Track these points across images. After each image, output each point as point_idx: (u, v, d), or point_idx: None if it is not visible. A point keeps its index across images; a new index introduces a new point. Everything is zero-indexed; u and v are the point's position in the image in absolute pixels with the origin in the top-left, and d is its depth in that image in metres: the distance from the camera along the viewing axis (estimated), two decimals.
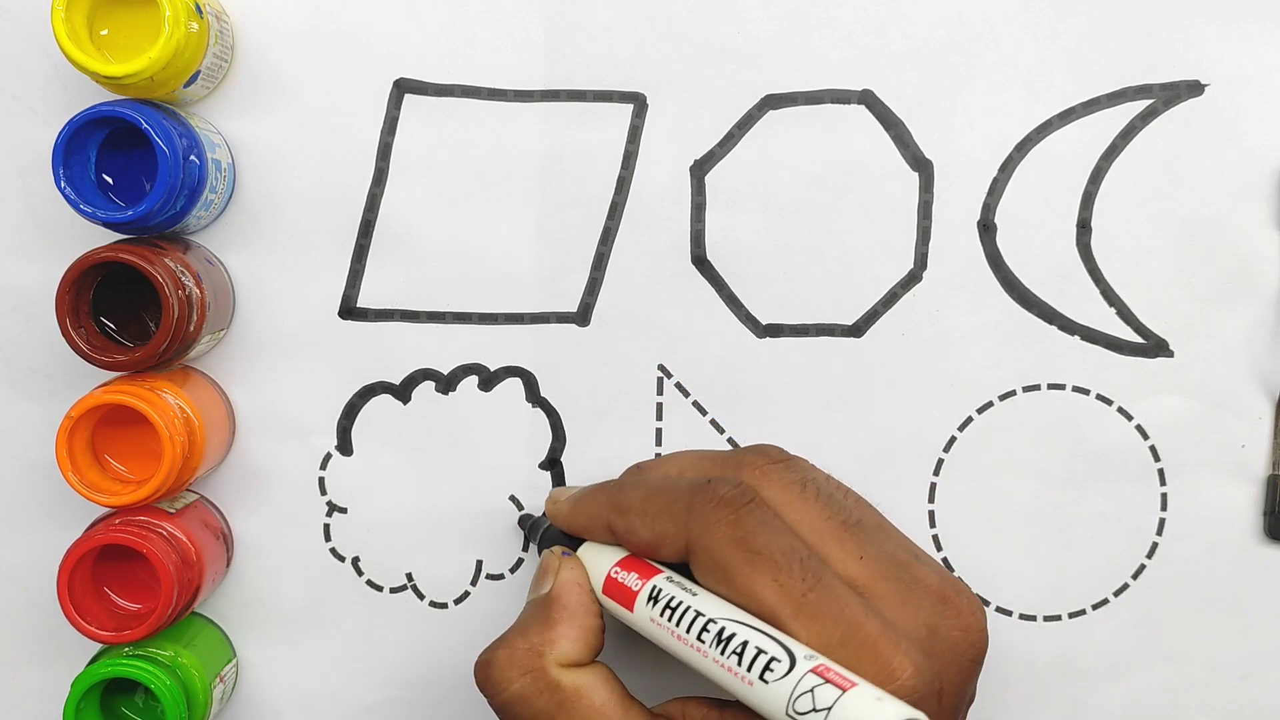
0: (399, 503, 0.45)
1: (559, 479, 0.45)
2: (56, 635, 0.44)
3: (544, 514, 0.43)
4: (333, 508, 0.45)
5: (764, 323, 0.45)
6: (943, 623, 0.35)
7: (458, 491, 0.45)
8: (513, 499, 0.45)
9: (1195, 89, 0.44)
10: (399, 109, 0.43)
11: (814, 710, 0.30)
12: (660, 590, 0.36)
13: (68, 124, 0.39)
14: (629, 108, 0.44)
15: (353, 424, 0.45)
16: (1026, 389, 0.45)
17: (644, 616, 0.36)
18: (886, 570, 0.35)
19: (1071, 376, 0.45)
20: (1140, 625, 0.45)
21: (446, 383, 0.45)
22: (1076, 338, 0.45)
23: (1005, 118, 0.44)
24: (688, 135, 0.44)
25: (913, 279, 0.44)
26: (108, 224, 0.39)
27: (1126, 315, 0.44)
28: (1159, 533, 0.45)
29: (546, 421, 0.45)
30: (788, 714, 0.31)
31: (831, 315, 0.45)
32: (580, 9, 0.43)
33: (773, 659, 0.32)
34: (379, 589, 0.45)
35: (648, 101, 0.44)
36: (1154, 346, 0.45)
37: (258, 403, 0.44)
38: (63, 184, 0.39)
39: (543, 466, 0.45)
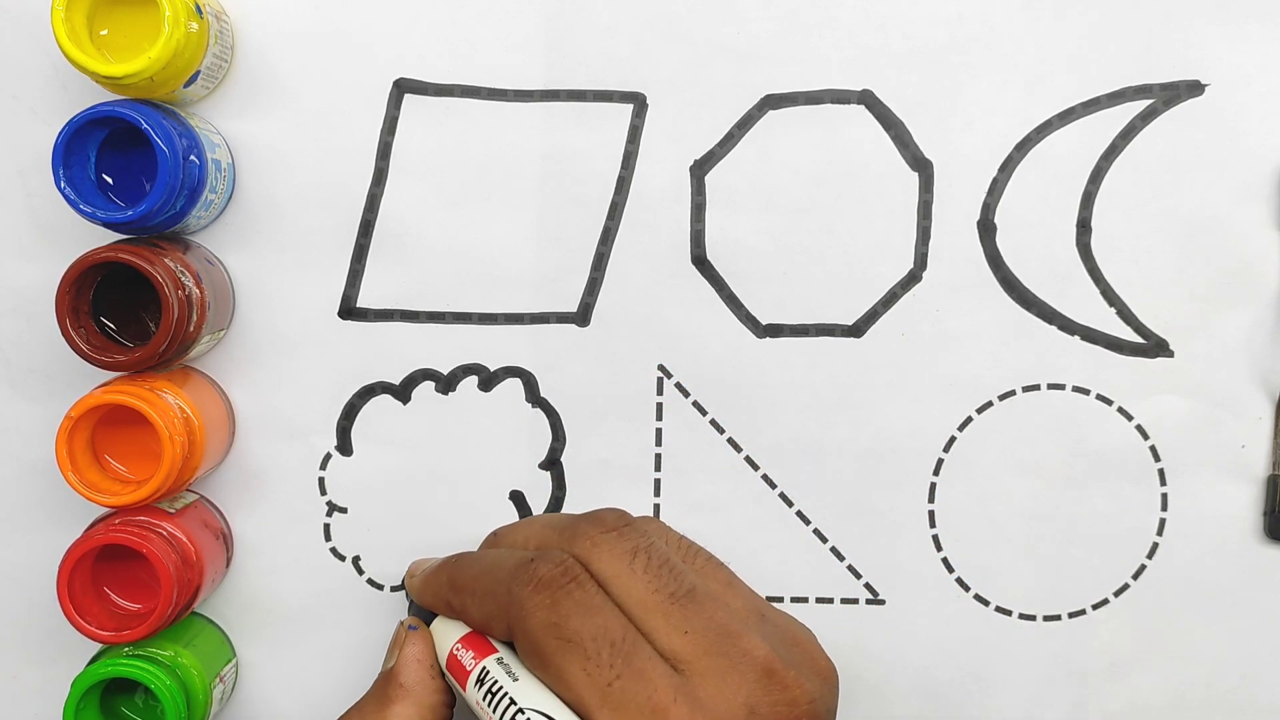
0: (399, 503, 0.45)
1: (559, 479, 0.45)
2: (56, 635, 0.44)
3: None
4: (333, 508, 0.45)
5: (764, 323, 0.45)
6: (764, 699, 0.34)
7: (458, 492, 0.45)
8: (513, 497, 0.45)
9: (1195, 89, 0.44)
10: (399, 109, 0.43)
11: None
12: (487, 673, 0.36)
13: (68, 124, 0.39)
14: (629, 108, 0.44)
15: (353, 424, 0.45)
16: (1026, 389, 0.45)
17: (472, 698, 0.36)
18: (711, 645, 0.34)
19: (1071, 376, 0.45)
20: (1140, 625, 0.45)
21: (446, 383, 0.45)
22: (1076, 338, 0.45)
23: (1005, 118, 0.44)
24: (688, 135, 0.44)
25: (913, 279, 0.44)
26: (108, 224, 0.39)
27: (1126, 315, 0.44)
28: (1159, 533, 0.45)
29: (546, 422, 0.45)
30: None
31: (831, 315, 0.45)
32: (580, 9, 0.43)
33: None
34: (379, 589, 0.45)
35: (648, 101, 0.44)
36: (1154, 346, 0.45)
37: (258, 403, 0.44)
38: (63, 184, 0.39)
39: (543, 466, 0.45)
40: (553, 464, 0.45)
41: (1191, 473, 0.45)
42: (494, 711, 0.35)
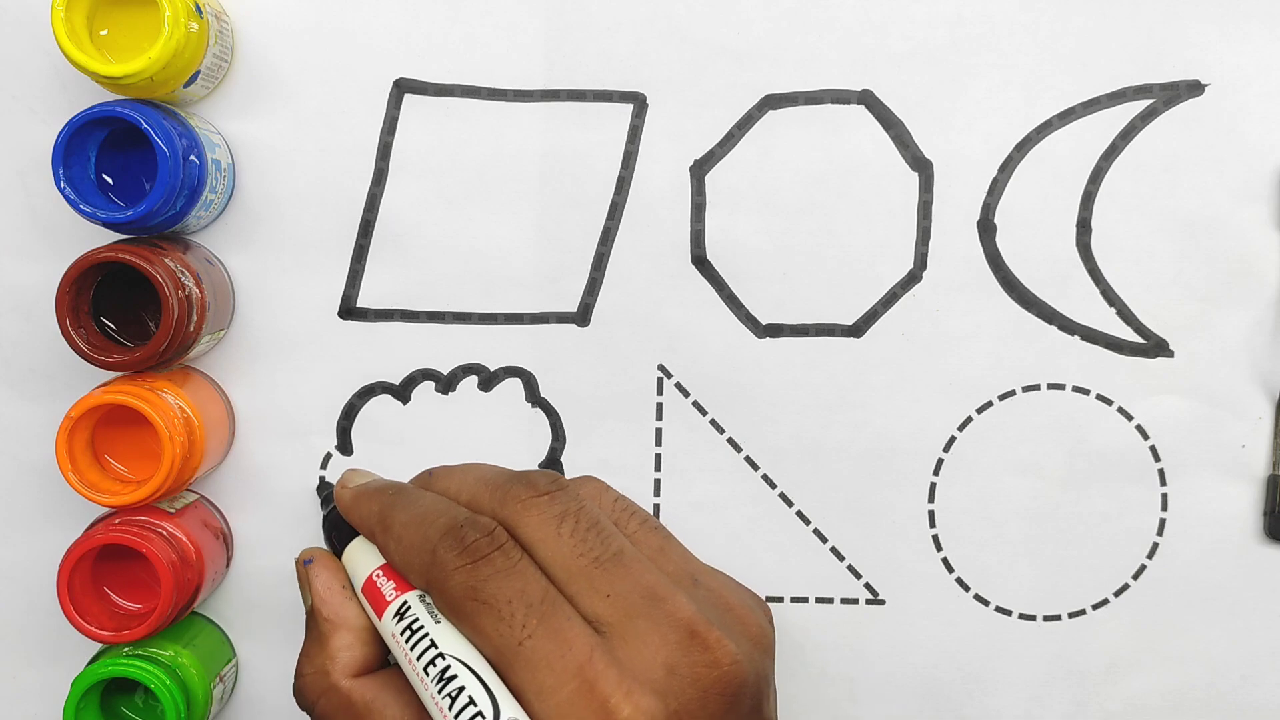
0: None
1: None
2: (56, 635, 0.44)
3: (330, 486, 0.43)
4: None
5: (764, 323, 0.45)
6: (684, 659, 0.34)
7: None
8: None
9: (1195, 89, 0.44)
10: (399, 109, 0.43)
11: None
12: (408, 608, 0.36)
13: (68, 124, 0.39)
14: (629, 108, 0.44)
15: (353, 424, 0.45)
16: (1026, 389, 0.45)
17: (387, 630, 0.36)
18: (633, 607, 0.35)
19: (1071, 376, 0.45)
20: (1140, 625, 0.45)
21: (446, 383, 0.45)
22: (1076, 338, 0.45)
23: (1005, 118, 0.44)
24: (688, 135, 0.44)
25: (913, 279, 0.44)
26: (108, 224, 0.39)
27: (1126, 315, 0.44)
28: (1159, 533, 0.45)
29: (546, 421, 0.45)
30: None
31: (831, 315, 0.45)
32: (580, 9, 0.43)
33: (479, 713, 0.32)
34: None
35: (648, 101, 0.44)
36: (1154, 346, 0.45)
37: (258, 403, 0.44)
38: (63, 184, 0.39)
39: (543, 466, 0.45)
40: (553, 464, 0.45)
41: (1191, 473, 0.45)
42: (410, 649, 0.35)
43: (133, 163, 0.41)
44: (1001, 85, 0.44)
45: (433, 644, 0.34)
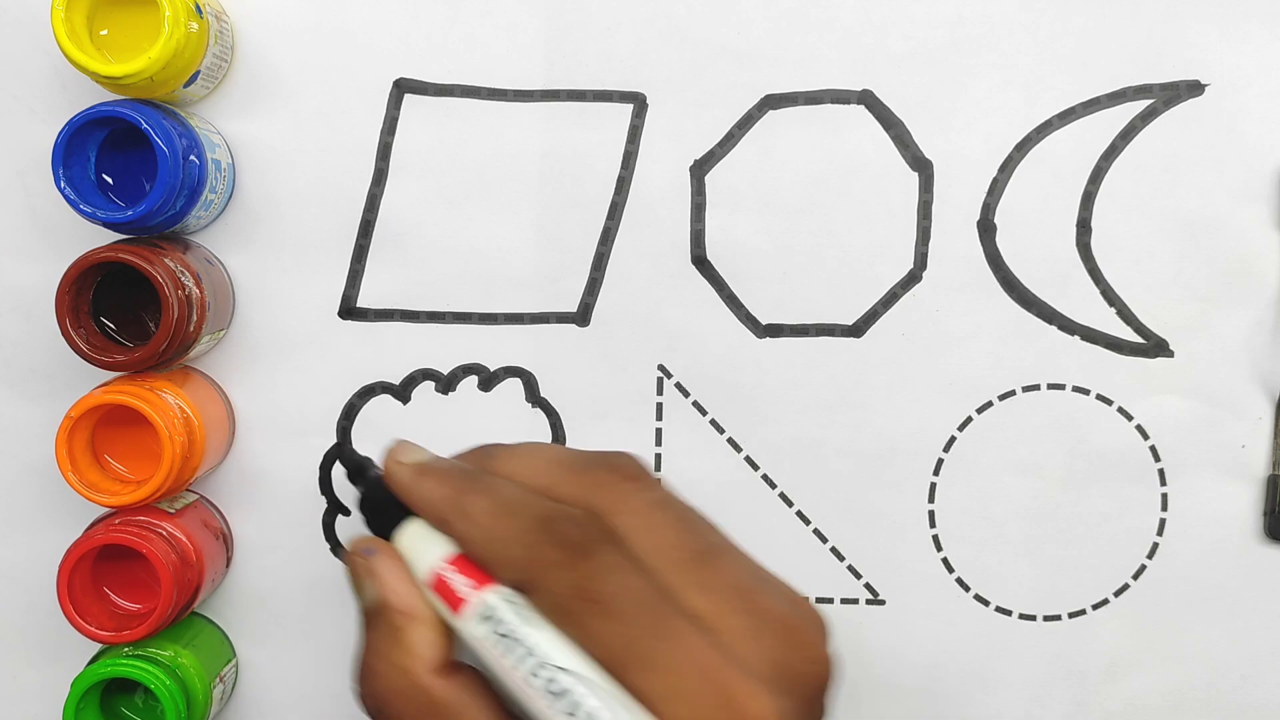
0: None
1: None
2: (56, 635, 0.44)
3: (366, 458, 0.39)
4: (333, 508, 0.45)
5: (764, 323, 0.45)
6: (791, 656, 0.33)
7: None
8: None
9: (1195, 89, 0.44)
10: (399, 109, 0.43)
11: None
12: (494, 612, 0.33)
13: (68, 124, 0.39)
14: (629, 108, 0.44)
15: (353, 424, 0.45)
16: (1026, 389, 0.45)
17: (469, 632, 0.33)
18: (735, 603, 0.33)
19: (1071, 376, 0.45)
20: (1140, 625, 0.45)
21: (446, 383, 0.45)
22: (1076, 338, 0.45)
23: (1005, 118, 0.44)
24: (688, 135, 0.44)
25: (913, 279, 0.44)
26: (108, 224, 0.39)
27: (1126, 315, 0.44)
28: (1159, 533, 0.45)
29: (546, 421, 0.45)
30: None
31: (831, 315, 0.45)
32: (580, 9, 0.43)
33: None
34: None
35: (648, 101, 0.44)
36: (1154, 346, 0.45)
37: (258, 403, 0.44)
38: (63, 184, 0.39)
39: None
40: None
41: (1191, 473, 0.45)
42: (507, 658, 0.32)
43: (133, 163, 0.41)
44: (1001, 85, 0.44)
45: (532, 653, 0.32)
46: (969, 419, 0.45)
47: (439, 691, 0.33)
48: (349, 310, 0.44)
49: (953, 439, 0.45)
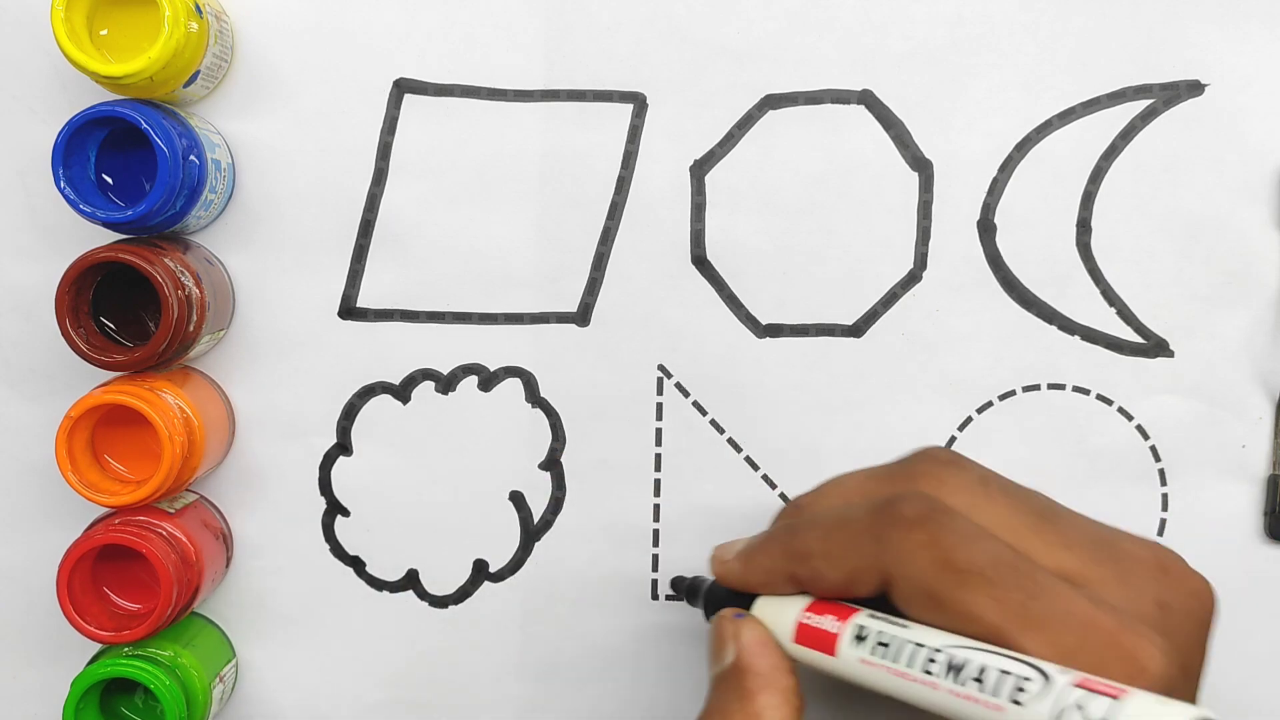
0: (399, 503, 0.45)
1: (559, 479, 0.45)
2: (56, 635, 0.44)
3: (697, 577, 0.40)
4: (333, 508, 0.45)
5: (764, 323, 0.45)
6: (1172, 595, 0.32)
7: (458, 491, 0.45)
8: (513, 498, 0.45)
9: (1195, 89, 0.44)
10: (399, 109, 0.43)
11: None
12: (866, 629, 0.32)
13: (68, 124, 0.39)
14: (629, 108, 0.44)
15: (353, 424, 0.45)
16: (1026, 389, 0.45)
17: (851, 659, 0.33)
18: (1096, 554, 0.32)
19: (1071, 376, 0.45)
20: None
21: (446, 383, 0.45)
22: (1076, 338, 0.45)
23: (1005, 118, 0.44)
24: (688, 135, 0.44)
25: (913, 279, 0.44)
26: (107, 224, 0.39)
27: (1126, 315, 0.44)
28: (1159, 533, 0.45)
29: (546, 422, 0.45)
30: None
31: (831, 315, 0.45)
32: (580, 9, 0.43)
33: (1024, 679, 0.29)
34: (379, 589, 0.45)
35: (648, 101, 0.44)
36: (1154, 346, 0.45)
37: (258, 403, 0.44)
38: (62, 184, 0.39)
39: (543, 466, 0.45)
40: (553, 464, 0.45)
41: (1191, 473, 0.45)
42: (894, 662, 0.31)
43: (133, 163, 0.41)
44: (1001, 85, 0.44)
45: (919, 645, 0.31)
46: (969, 419, 0.45)
47: None
48: (349, 310, 0.44)
49: (953, 439, 0.45)
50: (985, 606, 0.30)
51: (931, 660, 0.31)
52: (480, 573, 0.45)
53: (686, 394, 0.45)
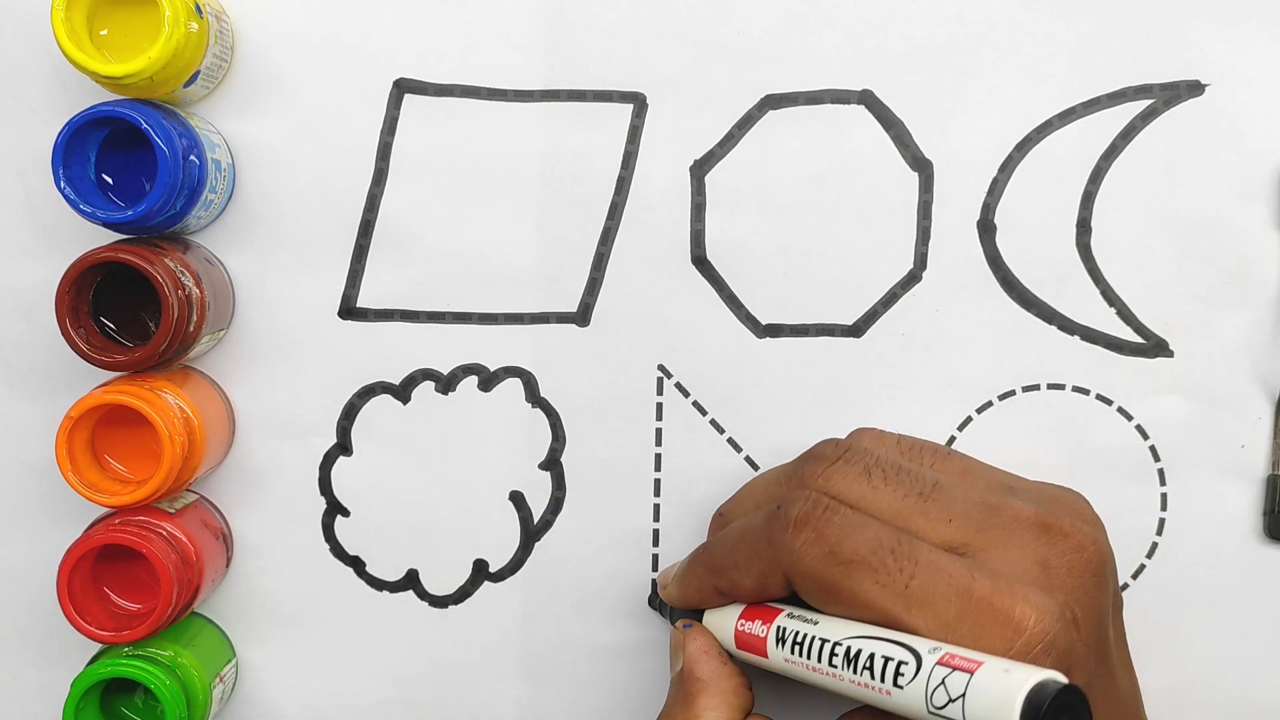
0: (399, 503, 0.45)
1: (559, 479, 0.45)
2: (56, 635, 0.44)
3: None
4: (333, 508, 0.45)
5: (764, 323, 0.45)
6: (1051, 553, 0.34)
7: (458, 491, 0.45)
8: (513, 498, 0.45)
9: (1195, 89, 0.44)
10: (399, 109, 0.43)
11: (950, 701, 0.30)
12: (785, 629, 0.36)
13: (68, 124, 0.39)
14: (629, 108, 0.44)
15: (353, 424, 0.45)
16: (1026, 389, 0.45)
17: (777, 659, 0.36)
18: (979, 521, 0.35)
19: (1071, 376, 0.45)
20: (1140, 625, 0.45)
21: (446, 383, 0.45)
22: (1076, 338, 0.45)
23: (1005, 118, 0.44)
24: (688, 135, 0.44)
25: (912, 279, 0.44)
26: (108, 224, 0.39)
27: (1126, 315, 0.44)
28: (1159, 533, 0.45)
29: (546, 422, 0.45)
30: (930, 713, 0.31)
31: (831, 315, 0.45)
32: (580, 9, 0.43)
33: (900, 663, 0.32)
34: (379, 589, 0.45)
35: (648, 101, 0.44)
36: (1154, 346, 0.45)
37: (258, 403, 0.44)
38: (63, 184, 0.39)
39: (543, 466, 0.45)
40: (553, 464, 0.45)
41: (1191, 473, 0.45)
42: (807, 658, 0.34)
43: (133, 163, 0.41)
44: (1001, 85, 0.44)
45: (823, 641, 0.34)
46: (969, 419, 0.45)
47: None
48: (349, 310, 0.44)
49: (952, 439, 0.45)
50: (871, 591, 0.33)
51: (834, 654, 0.34)
52: (480, 573, 0.45)
53: (686, 394, 0.45)
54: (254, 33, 0.43)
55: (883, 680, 0.32)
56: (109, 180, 0.41)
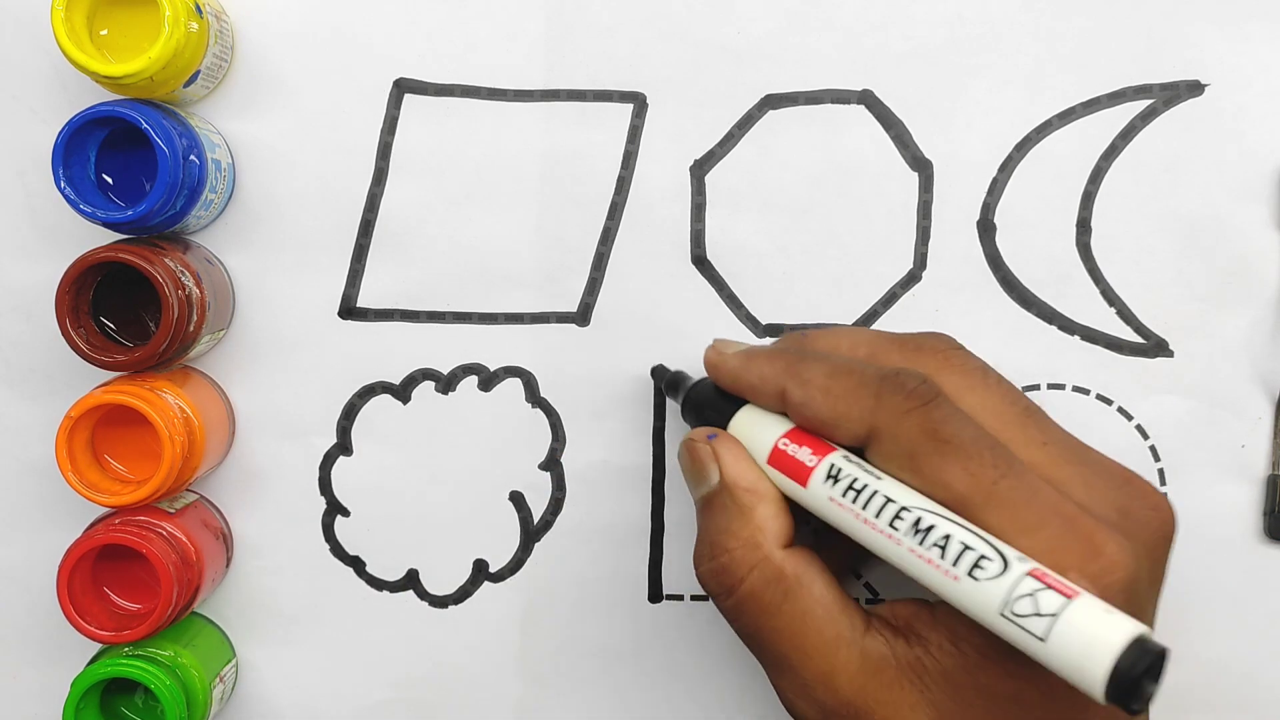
0: (399, 503, 0.45)
1: (559, 479, 0.45)
2: (56, 635, 0.44)
3: (679, 371, 0.42)
4: (333, 508, 0.45)
5: (764, 323, 0.45)
6: (1132, 504, 0.33)
7: (458, 491, 0.45)
8: (513, 498, 0.45)
9: (1195, 89, 0.44)
10: (399, 109, 0.43)
11: (1036, 615, 0.29)
12: (840, 470, 0.34)
13: (68, 124, 0.39)
14: (629, 108, 0.44)
15: (353, 424, 0.45)
16: (1026, 389, 0.45)
17: (821, 495, 0.34)
18: (1070, 455, 0.34)
19: (1071, 376, 0.45)
20: None
21: (446, 383, 0.45)
22: (1076, 338, 0.45)
23: (1005, 118, 0.44)
24: (688, 135, 0.44)
25: (912, 279, 0.44)
26: (108, 224, 0.39)
27: (1126, 315, 0.44)
28: None
29: (546, 422, 0.45)
30: (1003, 615, 0.29)
31: (831, 315, 0.45)
32: (580, 9, 0.43)
33: (982, 557, 0.30)
34: (379, 589, 0.45)
35: (648, 101, 0.44)
36: (1154, 346, 0.45)
37: (258, 403, 0.44)
38: (63, 184, 0.39)
39: (543, 466, 0.45)
40: (553, 464, 0.45)
41: (1191, 473, 0.45)
42: (863, 509, 0.33)
43: (133, 163, 0.41)
44: (1001, 85, 0.44)
45: (889, 499, 0.32)
46: None
47: (787, 564, 0.35)
48: (349, 310, 0.44)
49: None
50: (957, 476, 0.32)
51: (898, 516, 0.32)
52: (480, 573, 0.45)
53: None
54: (254, 33, 0.43)
55: (955, 565, 0.30)
56: (109, 180, 0.41)
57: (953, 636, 0.32)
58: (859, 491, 0.33)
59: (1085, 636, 0.28)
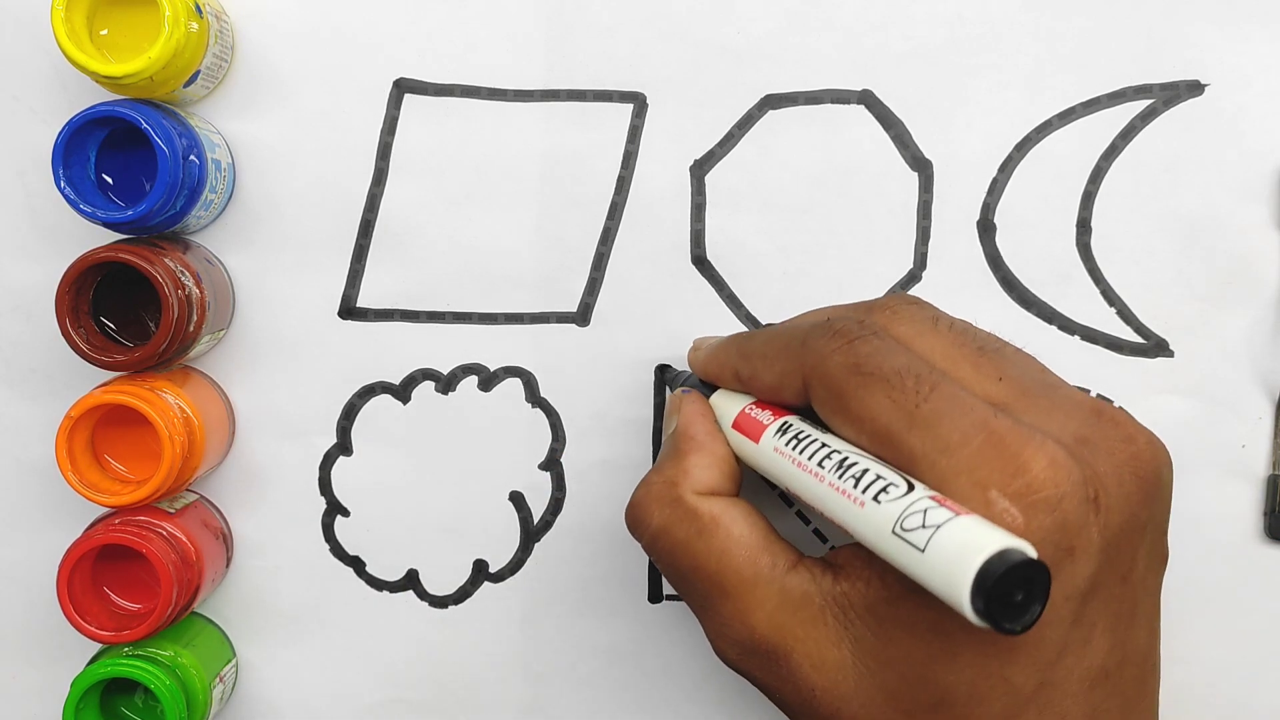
0: (399, 503, 0.45)
1: (559, 480, 0.45)
2: (56, 635, 0.44)
3: (683, 371, 0.43)
4: (333, 508, 0.45)
5: (764, 322, 0.45)
6: (1095, 432, 0.32)
7: (458, 491, 0.45)
8: (513, 498, 0.45)
9: (1195, 89, 0.44)
10: (399, 109, 0.43)
11: (921, 528, 0.28)
12: (789, 424, 0.35)
13: (68, 124, 0.39)
14: (629, 108, 0.44)
15: (353, 424, 0.45)
16: None
17: (768, 446, 0.35)
18: (1029, 388, 0.33)
19: (1071, 376, 0.45)
20: None
21: (446, 383, 0.45)
22: (1076, 338, 0.45)
23: (1005, 118, 0.44)
24: (688, 135, 0.44)
25: (912, 279, 0.44)
26: (107, 224, 0.39)
27: (1126, 315, 0.44)
28: None
29: (546, 422, 0.45)
30: (894, 532, 0.29)
31: None
32: (580, 9, 0.43)
33: (890, 484, 0.30)
34: (379, 589, 0.45)
35: (648, 101, 0.44)
36: (1154, 346, 0.45)
37: (258, 403, 0.44)
38: (63, 184, 0.39)
39: (542, 467, 0.45)
40: (553, 464, 0.45)
41: (1191, 473, 0.45)
42: (799, 454, 0.33)
43: (133, 163, 0.41)
44: (1001, 85, 0.44)
45: (824, 445, 0.33)
46: None
47: (702, 505, 0.35)
48: (349, 310, 0.44)
49: None
50: (879, 404, 0.32)
51: (827, 457, 0.33)
52: (480, 573, 0.45)
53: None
54: (254, 33, 0.43)
55: (863, 492, 0.31)
56: (109, 180, 0.41)
57: (880, 570, 0.32)
58: (800, 440, 0.34)
59: (956, 545, 0.28)
